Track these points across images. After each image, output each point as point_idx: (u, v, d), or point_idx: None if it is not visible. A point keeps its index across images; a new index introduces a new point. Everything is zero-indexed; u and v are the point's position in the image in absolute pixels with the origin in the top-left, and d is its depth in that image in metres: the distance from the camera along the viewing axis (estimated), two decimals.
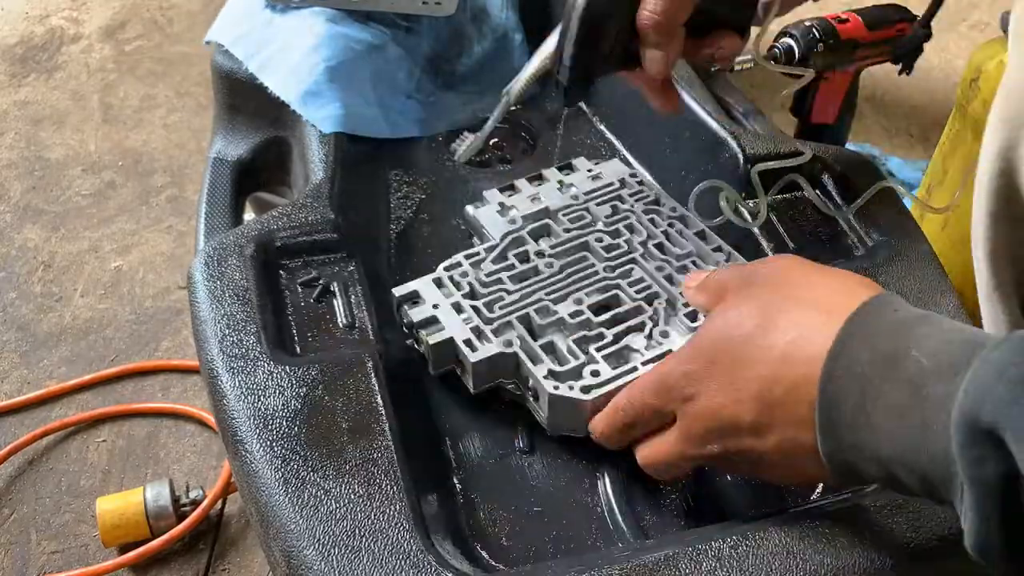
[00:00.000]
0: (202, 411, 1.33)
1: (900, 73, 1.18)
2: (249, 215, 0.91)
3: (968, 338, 0.43)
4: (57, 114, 1.90)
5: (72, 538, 1.22)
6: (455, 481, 0.64)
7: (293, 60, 0.85)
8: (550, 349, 0.65)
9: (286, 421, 0.57)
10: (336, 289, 0.68)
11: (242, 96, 0.89)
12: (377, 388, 0.60)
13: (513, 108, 0.82)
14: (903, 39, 1.14)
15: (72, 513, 1.24)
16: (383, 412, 0.58)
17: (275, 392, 0.59)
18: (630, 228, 0.74)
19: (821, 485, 0.63)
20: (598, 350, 0.64)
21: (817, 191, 0.79)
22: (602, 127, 0.95)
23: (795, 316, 0.50)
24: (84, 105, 1.92)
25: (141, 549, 1.16)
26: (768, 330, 0.50)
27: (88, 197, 1.72)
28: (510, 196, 0.78)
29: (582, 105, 0.97)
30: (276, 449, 0.56)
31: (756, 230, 0.76)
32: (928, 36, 1.16)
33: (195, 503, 1.20)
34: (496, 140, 0.93)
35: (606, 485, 0.63)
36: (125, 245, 1.62)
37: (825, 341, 0.47)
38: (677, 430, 0.55)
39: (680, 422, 0.55)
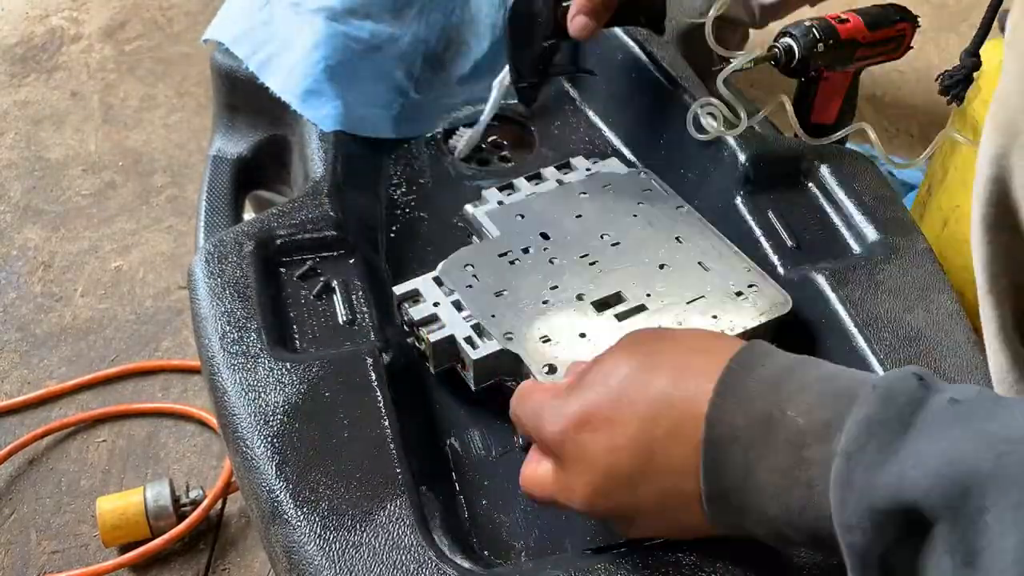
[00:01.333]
0: (202, 411, 1.33)
1: (948, 104, 1.18)
2: (249, 215, 0.91)
3: (840, 390, 0.42)
4: (57, 114, 1.90)
5: (72, 538, 1.21)
6: (455, 477, 0.64)
7: (293, 58, 0.86)
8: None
9: (287, 417, 0.57)
10: (336, 286, 0.69)
11: (241, 94, 0.89)
12: (377, 385, 0.60)
13: (508, 103, 0.84)
14: (951, 71, 1.14)
15: (72, 513, 1.24)
16: (383, 409, 0.58)
17: (276, 389, 0.59)
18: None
19: None
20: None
21: (816, 189, 0.79)
22: (599, 123, 0.95)
23: (672, 358, 0.49)
24: (84, 105, 1.92)
25: (141, 549, 1.16)
26: (646, 371, 0.49)
27: (88, 197, 1.72)
28: (509, 195, 0.78)
29: (581, 104, 0.97)
30: (277, 445, 0.56)
31: (754, 227, 0.76)
32: (977, 65, 1.16)
33: (195, 503, 1.20)
34: (495, 138, 0.93)
35: None
36: (125, 245, 1.62)
37: (705, 381, 0.46)
38: (553, 472, 0.52)
39: (555, 466, 0.51)
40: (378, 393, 0.59)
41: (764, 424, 0.43)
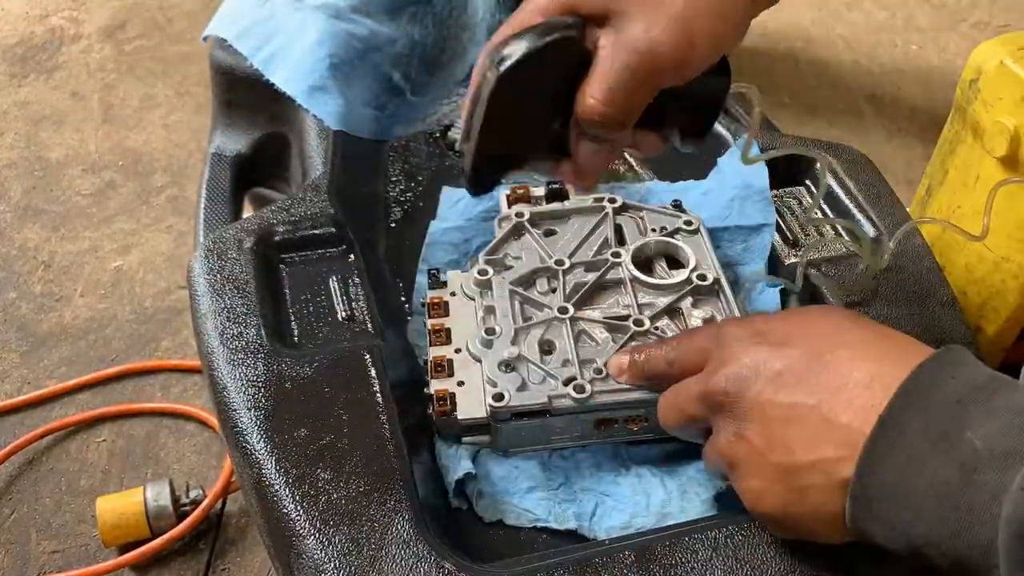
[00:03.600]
0: (202, 411, 1.33)
1: None
2: (248, 213, 0.91)
3: None
4: (57, 114, 1.90)
5: (72, 538, 1.21)
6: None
7: (297, 54, 0.85)
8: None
9: (286, 413, 0.57)
10: (335, 283, 0.68)
11: (240, 92, 0.89)
12: (376, 380, 0.60)
13: None
14: None
15: (72, 513, 1.24)
16: (382, 404, 0.58)
17: (275, 384, 0.59)
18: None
19: None
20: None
21: (814, 187, 0.79)
22: None
23: (842, 366, 0.47)
24: (84, 105, 1.92)
25: (141, 549, 1.16)
26: (810, 367, 0.48)
27: (88, 197, 1.72)
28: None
29: None
30: (276, 440, 0.56)
31: None
32: None
33: (195, 503, 1.20)
34: None
35: None
36: (125, 245, 1.62)
37: (874, 398, 0.44)
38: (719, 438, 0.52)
39: (721, 434, 0.52)
40: (377, 389, 0.59)
41: (939, 438, 0.42)
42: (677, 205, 0.76)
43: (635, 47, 0.50)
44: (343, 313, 0.67)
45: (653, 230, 0.73)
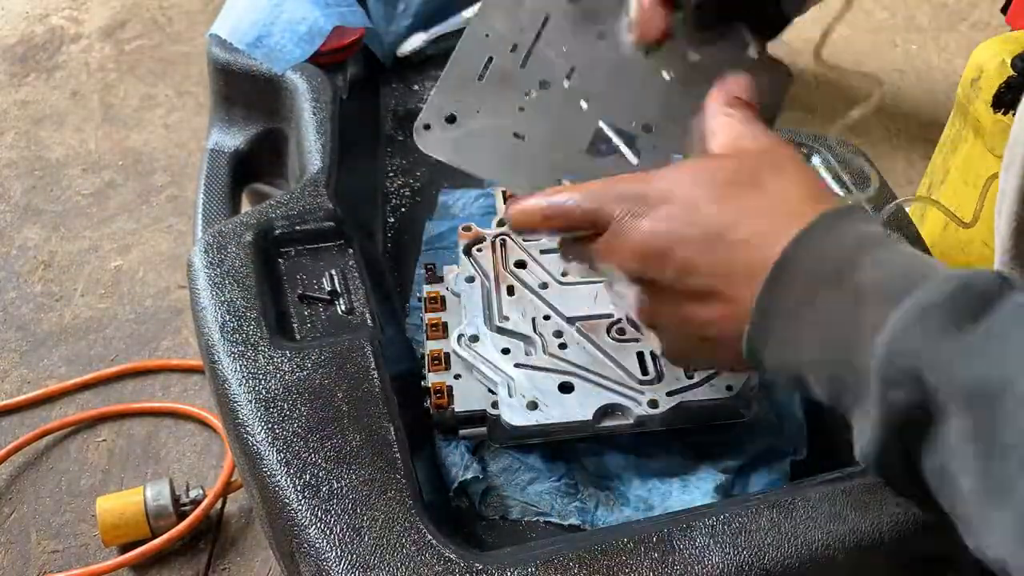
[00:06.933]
0: (202, 410, 1.33)
1: (1004, 115, 1.17)
2: (246, 209, 0.91)
3: (919, 267, 0.44)
4: (57, 114, 1.90)
5: (72, 538, 1.21)
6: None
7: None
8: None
9: (287, 405, 0.58)
10: (334, 276, 0.68)
11: (238, 88, 0.89)
12: (376, 372, 0.60)
13: None
14: (1006, 84, 1.16)
15: (72, 513, 1.24)
16: (382, 396, 0.58)
17: (276, 377, 0.59)
18: None
19: None
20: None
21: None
22: None
23: (762, 198, 0.50)
24: (84, 105, 1.92)
25: (141, 549, 1.16)
26: (745, 188, 0.51)
27: (88, 197, 1.72)
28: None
29: None
30: (277, 432, 0.56)
31: None
32: None
33: (195, 502, 1.20)
34: None
35: None
36: (125, 244, 1.62)
37: (785, 232, 0.48)
38: (614, 238, 0.52)
39: (616, 232, 0.52)
40: (377, 380, 0.59)
41: (833, 273, 0.45)
42: None
43: None
44: (342, 306, 0.67)
45: None
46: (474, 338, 0.65)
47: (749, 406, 0.64)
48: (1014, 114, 1.17)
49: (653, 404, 0.61)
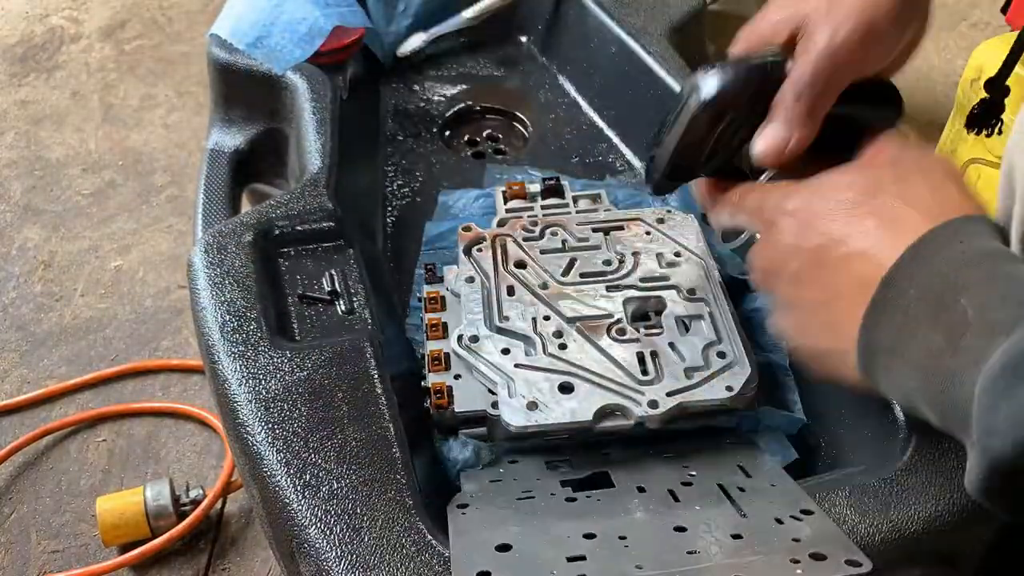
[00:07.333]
0: (202, 410, 1.33)
1: (978, 135, 1.18)
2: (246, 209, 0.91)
3: (1022, 297, 0.42)
4: (57, 114, 1.90)
5: (72, 538, 1.21)
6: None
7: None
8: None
9: (287, 405, 0.58)
10: (334, 276, 0.68)
11: (238, 87, 0.89)
12: (376, 373, 0.60)
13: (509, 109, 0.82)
14: (977, 106, 1.16)
15: (72, 513, 1.24)
16: (382, 396, 0.58)
17: (276, 377, 0.59)
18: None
19: None
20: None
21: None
22: (593, 116, 0.95)
23: (887, 210, 0.50)
24: (84, 105, 1.92)
25: (141, 549, 1.15)
26: (862, 203, 0.51)
27: (88, 197, 1.72)
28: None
29: (576, 95, 0.97)
30: (277, 432, 0.56)
31: None
32: (1007, 93, 1.17)
33: (195, 502, 1.19)
34: (491, 131, 0.94)
35: None
36: (125, 245, 1.62)
37: (903, 240, 0.48)
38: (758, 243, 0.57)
39: (759, 240, 0.56)
40: (377, 380, 0.59)
41: (935, 301, 0.44)
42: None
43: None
44: (342, 307, 0.67)
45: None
46: (474, 338, 0.65)
47: (750, 407, 0.63)
48: (987, 134, 1.19)
49: (653, 405, 0.60)
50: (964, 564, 0.57)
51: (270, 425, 0.56)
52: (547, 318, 0.66)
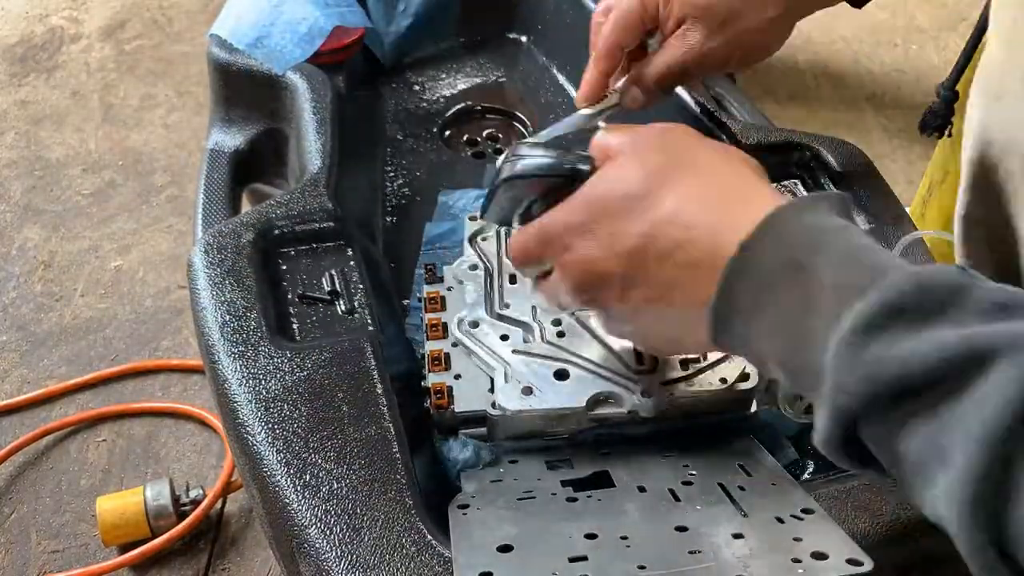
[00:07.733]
0: (202, 410, 1.33)
1: (929, 137, 1.19)
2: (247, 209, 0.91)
3: (880, 263, 0.44)
4: (57, 114, 1.90)
5: (72, 538, 1.21)
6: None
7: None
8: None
9: (287, 405, 0.58)
10: (334, 276, 0.68)
11: (238, 87, 0.89)
12: (376, 372, 0.60)
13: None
14: (929, 110, 1.17)
15: (72, 513, 1.24)
16: (382, 396, 0.58)
17: (276, 377, 0.59)
18: None
19: None
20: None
21: (809, 180, 0.79)
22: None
23: (684, 187, 0.51)
24: (84, 105, 1.92)
25: (141, 548, 1.16)
26: (653, 191, 0.51)
27: (88, 197, 1.72)
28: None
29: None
30: (278, 432, 0.56)
31: None
32: (955, 97, 1.17)
33: (195, 502, 1.20)
34: (491, 131, 0.94)
35: None
36: (125, 245, 1.62)
37: (714, 218, 0.49)
38: (557, 276, 0.56)
39: (557, 271, 0.55)
40: (377, 380, 0.59)
41: (791, 269, 0.45)
42: None
43: None
44: (342, 306, 0.67)
45: None
46: (474, 323, 0.65)
47: (747, 405, 0.64)
48: (938, 137, 1.20)
49: (646, 394, 0.61)
50: (964, 564, 0.57)
51: (270, 425, 0.56)
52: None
